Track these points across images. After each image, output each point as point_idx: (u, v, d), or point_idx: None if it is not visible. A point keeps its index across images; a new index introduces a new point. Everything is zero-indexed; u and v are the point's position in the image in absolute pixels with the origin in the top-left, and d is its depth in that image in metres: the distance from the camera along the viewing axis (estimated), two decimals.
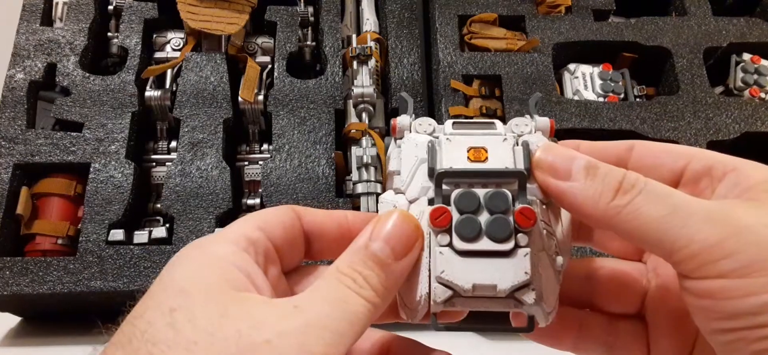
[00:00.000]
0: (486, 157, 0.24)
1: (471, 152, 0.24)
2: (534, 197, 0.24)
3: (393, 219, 0.23)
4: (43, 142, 0.58)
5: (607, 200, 0.22)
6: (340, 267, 0.22)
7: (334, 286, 0.22)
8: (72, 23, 0.64)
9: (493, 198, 0.23)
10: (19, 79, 0.61)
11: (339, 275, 0.22)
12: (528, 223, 0.23)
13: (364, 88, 0.64)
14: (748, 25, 0.68)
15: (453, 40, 0.65)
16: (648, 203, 0.21)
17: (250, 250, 0.23)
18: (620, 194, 0.22)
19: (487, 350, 0.57)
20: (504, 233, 0.23)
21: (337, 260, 0.23)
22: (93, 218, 0.55)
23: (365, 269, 0.22)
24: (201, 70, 0.62)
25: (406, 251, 0.23)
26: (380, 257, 0.23)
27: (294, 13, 0.67)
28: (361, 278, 0.22)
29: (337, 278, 0.22)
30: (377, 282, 0.22)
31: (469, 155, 0.24)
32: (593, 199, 0.22)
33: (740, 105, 0.63)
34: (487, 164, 0.24)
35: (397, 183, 0.26)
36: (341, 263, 0.23)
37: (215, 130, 0.60)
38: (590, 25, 0.67)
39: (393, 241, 0.23)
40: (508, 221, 0.23)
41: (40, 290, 0.52)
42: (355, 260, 0.23)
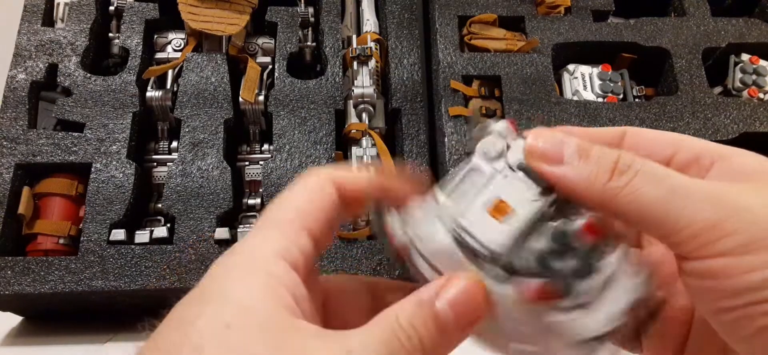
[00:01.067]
0: (511, 209, 0.22)
1: (496, 205, 0.22)
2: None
3: (464, 284, 0.22)
4: (44, 143, 0.58)
5: (603, 180, 0.22)
6: (400, 320, 0.21)
7: (388, 338, 0.20)
8: (73, 24, 0.64)
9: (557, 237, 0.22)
10: (21, 79, 0.61)
11: (397, 328, 0.21)
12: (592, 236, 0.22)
13: (364, 89, 0.64)
14: (746, 25, 0.68)
15: (453, 40, 0.66)
16: (646, 184, 0.21)
17: (299, 266, 0.22)
18: (616, 174, 0.21)
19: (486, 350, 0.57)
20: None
21: (398, 308, 0.21)
22: (94, 218, 0.55)
23: (423, 330, 0.21)
24: (202, 70, 0.63)
25: (470, 324, 0.22)
26: (443, 322, 0.21)
27: (294, 14, 0.67)
28: (417, 339, 0.21)
29: (394, 331, 0.21)
30: (430, 345, 0.21)
31: (491, 211, 0.22)
32: (588, 181, 0.22)
33: (739, 105, 0.63)
34: (520, 218, 0.22)
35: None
36: (402, 315, 0.21)
37: (216, 130, 0.60)
38: (589, 25, 0.68)
39: (460, 308, 0.21)
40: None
41: (42, 289, 0.52)
42: (416, 317, 0.21)
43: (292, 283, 0.21)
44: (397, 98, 0.64)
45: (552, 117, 0.61)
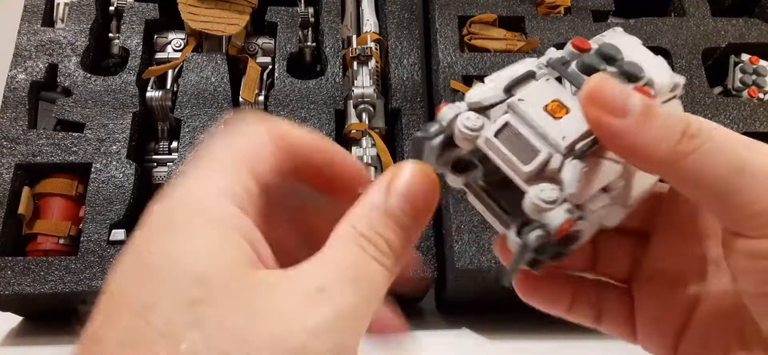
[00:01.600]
0: (561, 116, 0.22)
1: (552, 104, 0.23)
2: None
3: (411, 171, 0.21)
4: (44, 143, 0.58)
5: (672, 142, 0.20)
6: (360, 229, 0.20)
7: (356, 255, 0.19)
8: (73, 24, 0.64)
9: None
10: (21, 79, 0.61)
11: (360, 239, 0.20)
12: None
13: (364, 89, 0.64)
14: (746, 25, 0.68)
15: (453, 40, 0.66)
16: (717, 153, 0.20)
17: (247, 207, 0.20)
18: (687, 138, 0.20)
19: (488, 350, 0.57)
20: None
21: (351, 218, 0.20)
22: (94, 218, 0.55)
23: (387, 231, 0.20)
24: (202, 70, 0.63)
25: (426, 212, 0.21)
26: (400, 217, 0.20)
27: (294, 14, 0.67)
28: (384, 242, 0.20)
29: (359, 244, 0.19)
30: (398, 246, 0.20)
31: (548, 106, 0.23)
32: (654, 141, 0.20)
33: (739, 105, 0.63)
34: (553, 123, 0.22)
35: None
36: (360, 223, 0.20)
37: None
38: (589, 25, 0.68)
39: (412, 198, 0.21)
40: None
41: (42, 289, 0.52)
42: (374, 220, 0.20)
43: (245, 226, 0.19)
44: (397, 98, 0.64)
45: None
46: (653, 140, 0.21)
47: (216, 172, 0.20)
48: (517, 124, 0.22)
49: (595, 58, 0.24)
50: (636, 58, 0.24)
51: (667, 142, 0.20)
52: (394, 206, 0.20)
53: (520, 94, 0.23)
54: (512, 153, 0.22)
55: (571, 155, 0.22)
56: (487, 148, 0.22)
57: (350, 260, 0.19)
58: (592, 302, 0.27)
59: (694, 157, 0.20)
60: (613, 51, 0.24)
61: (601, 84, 0.21)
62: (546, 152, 0.22)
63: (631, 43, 0.25)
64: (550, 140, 0.22)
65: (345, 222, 0.20)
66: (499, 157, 0.22)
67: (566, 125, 0.22)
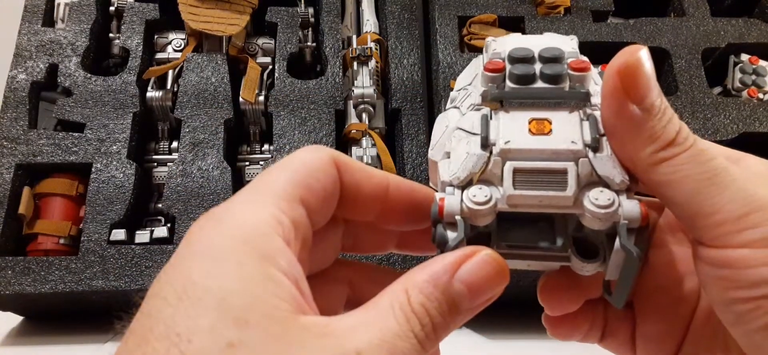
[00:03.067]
0: (550, 129, 0.21)
1: (533, 124, 0.21)
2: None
3: (483, 260, 0.20)
4: (45, 143, 0.58)
5: (657, 148, 0.20)
6: (412, 300, 0.19)
7: (401, 326, 0.19)
8: (74, 24, 0.64)
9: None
10: (21, 79, 0.61)
11: (409, 312, 0.19)
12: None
13: (364, 89, 0.64)
14: (746, 25, 0.69)
15: (453, 40, 0.66)
16: (691, 163, 0.20)
17: (292, 240, 0.19)
18: (671, 146, 0.20)
19: (488, 350, 0.57)
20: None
21: (407, 282, 0.19)
22: (95, 218, 0.55)
23: (437, 313, 0.19)
24: (202, 70, 0.63)
25: (484, 305, 0.20)
26: (456, 304, 0.19)
27: (294, 14, 0.67)
28: (430, 323, 0.19)
29: (406, 316, 0.19)
30: (442, 328, 0.19)
31: (531, 128, 0.21)
32: (646, 140, 0.20)
33: (738, 105, 0.63)
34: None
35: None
36: (414, 292, 0.19)
37: (216, 130, 0.60)
38: (589, 26, 0.68)
39: (477, 290, 0.20)
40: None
41: (42, 289, 0.52)
42: (430, 295, 0.19)
43: (289, 263, 0.19)
44: (397, 98, 0.64)
45: None
46: (645, 139, 0.21)
47: (267, 199, 0.20)
48: (524, 165, 0.21)
49: (527, 67, 0.22)
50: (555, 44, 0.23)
51: (654, 146, 0.20)
52: (455, 292, 0.19)
53: (500, 140, 0.21)
54: (543, 191, 0.21)
55: (592, 151, 0.21)
56: (514, 206, 0.21)
57: (393, 331, 0.18)
58: (600, 324, 0.28)
59: (668, 163, 0.20)
60: (552, 52, 0.23)
61: (638, 62, 0.20)
62: (571, 166, 0.21)
63: (536, 37, 0.24)
64: (563, 155, 0.21)
65: (400, 285, 0.19)
66: (533, 205, 0.21)
67: (564, 133, 0.21)
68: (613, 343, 0.27)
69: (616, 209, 0.20)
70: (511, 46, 0.23)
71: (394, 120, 0.65)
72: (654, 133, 0.20)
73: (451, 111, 0.24)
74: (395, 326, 0.18)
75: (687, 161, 0.20)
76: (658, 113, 0.21)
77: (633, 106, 0.20)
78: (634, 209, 0.20)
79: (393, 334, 0.18)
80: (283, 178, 0.21)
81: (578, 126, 0.21)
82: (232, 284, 0.18)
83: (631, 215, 0.20)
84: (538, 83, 0.22)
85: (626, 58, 0.21)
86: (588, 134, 0.21)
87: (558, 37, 0.23)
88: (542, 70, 0.22)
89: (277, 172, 0.21)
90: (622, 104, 0.21)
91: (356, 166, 0.23)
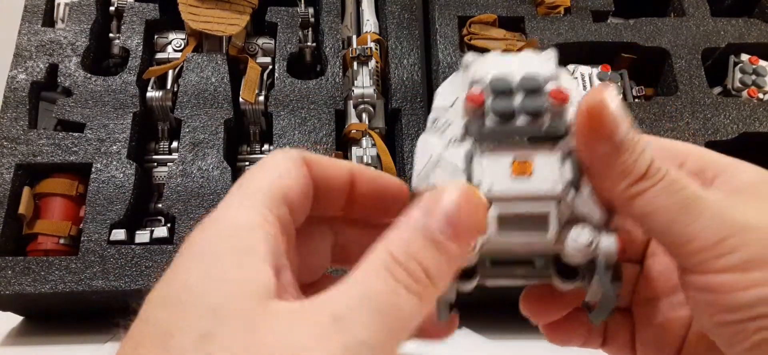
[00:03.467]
0: (531, 171, 0.22)
1: (515, 166, 0.22)
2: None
3: (456, 191, 0.19)
4: (45, 143, 0.58)
5: (631, 181, 0.21)
6: (393, 252, 0.18)
7: (384, 281, 0.18)
8: (74, 24, 0.64)
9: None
10: (21, 79, 0.61)
11: (392, 263, 0.18)
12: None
13: (364, 89, 0.64)
14: (746, 25, 0.69)
15: (453, 40, 0.66)
16: (664, 193, 0.21)
17: (279, 237, 0.20)
18: (644, 179, 0.21)
19: (487, 350, 0.57)
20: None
21: (385, 240, 0.19)
22: (95, 218, 0.55)
23: (425, 256, 0.18)
24: (202, 70, 0.63)
25: (471, 236, 0.20)
26: (441, 241, 0.18)
27: (294, 14, 0.67)
28: (419, 268, 0.18)
29: (389, 269, 0.18)
30: (435, 274, 0.18)
31: (513, 169, 0.22)
32: (620, 174, 0.21)
33: (738, 105, 0.63)
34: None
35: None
36: (394, 245, 0.18)
37: (216, 130, 0.60)
38: (589, 26, 0.68)
39: (457, 220, 0.19)
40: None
41: (42, 289, 0.52)
42: (411, 242, 0.18)
43: (271, 254, 0.19)
44: (397, 98, 0.64)
45: None
46: (618, 174, 0.21)
47: (253, 200, 0.20)
48: (508, 210, 0.22)
49: (508, 101, 0.22)
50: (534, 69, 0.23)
51: (627, 181, 0.21)
52: (435, 228, 0.19)
53: (484, 184, 0.22)
54: (525, 234, 0.22)
55: (571, 191, 0.22)
56: (499, 245, 0.22)
57: (375, 287, 0.18)
58: (600, 329, 0.28)
59: (645, 195, 0.21)
60: (532, 83, 0.23)
61: (603, 100, 0.21)
62: (553, 209, 0.22)
63: (506, 60, 0.24)
64: (545, 195, 0.22)
65: (378, 245, 0.19)
66: (517, 247, 0.22)
67: (545, 175, 0.22)
68: (613, 347, 0.28)
69: (595, 246, 0.22)
70: (491, 72, 0.23)
71: (394, 120, 0.65)
72: (625, 168, 0.21)
73: (433, 137, 0.25)
74: (377, 282, 0.18)
75: (660, 193, 0.21)
76: (628, 149, 0.21)
77: (603, 144, 0.21)
78: (611, 246, 0.22)
79: (376, 290, 0.18)
80: (266, 179, 0.21)
81: (559, 166, 0.22)
82: (212, 279, 0.18)
83: (608, 252, 0.22)
84: (519, 119, 0.22)
85: (593, 97, 0.21)
86: (568, 174, 0.22)
87: (536, 58, 0.24)
88: (523, 104, 0.22)
89: (259, 174, 0.22)
90: (593, 143, 0.21)
91: (322, 159, 0.24)
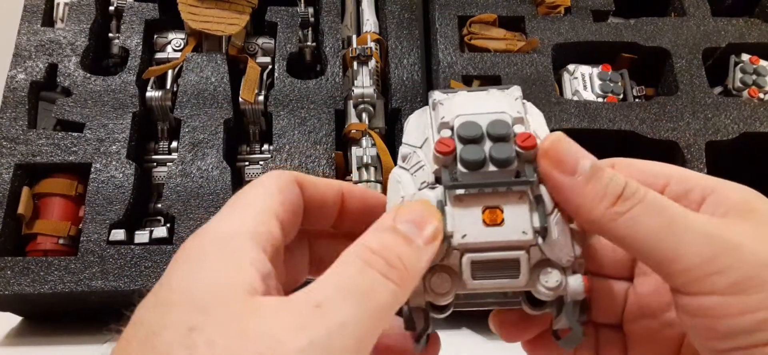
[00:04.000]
0: (502, 219, 0.23)
1: (486, 214, 0.23)
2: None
3: (416, 205, 0.22)
4: (44, 143, 0.58)
5: (607, 204, 0.22)
6: (369, 245, 0.20)
7: (360, 270, 0.19)
8: (73, 24, 0.64)
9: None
10: (21, 79, 0.61)
11: (367, 253, 0.20)
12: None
13: (364, 89, 0.64)
14: (747, 25, 0.68)
15: (453, 40, 0.66)
16: (645, 213, 0.21)
17: (267, 248, 0.21)
18: (621, 200, 0.21)
19: (488, 350, 0.57)
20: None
21: (361, 240, 0.21)
22: (94, 218, 0.55)
23: (396, 245, 0.20)
24: (202, 70, 0.63)
25: (432, 238, 0.22)
26: (408, 232, 0.21)
27: (294, 14, 0.67)
28: (394, 256, 0.20)
29: (365, 258, 0.20)
30: (408, 262, 0.20)
31: (485, 218, 0.23)
32: (593, 201, 0.22)
33: (739, 105, 0.63)
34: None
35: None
36: (370, 239, 0.20)
37: (216, 130, 0.60)
38: (589, 25, 0.68)
39: (419, 219, 0.21)
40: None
41: (42, 289, 0.52)
42: (383, 235, 0.21)
43: (258, 260, 0.20)
44: (397, 98, 0.64)
45: (552, 117, 0.61)
46: (592, 201, 0.22)
47: (246, 213, 0.22)
48: (480, 257, 0.23)
49: (477, 149, 0.23)
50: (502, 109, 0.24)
51: (604, 204, 0.22)
52: (402, 224, 0.21)
53: (456, 234, 0.23)
54: (498, 278, 0.23)
55: (540, 236, 0.23)
56: (473, 291, 0.23)
57: (352, 274, 0.19)
58: (591, 345, 0.28)
59: (626, 217, 0.21)
60: (500, 129, 0.23)
61: (556, 143, 0.23)
62: (523, 255, 0.23)
63: (471, 98, 0.25)
64: (516, 245, 0.23)
65: (354, 243, 0.21)
66: (490, 291, 0.23)
67: (515, 223, 0.23)
68: None
69: (563, 288, 0.23)
70: (459, 116, 0.24)
71: (394, 120, 0.65)
72: (597, 194, 0.22)
73: (405, 175, 0.25)
74: (353, 271, 0.19)
75: (641, 213, 0.21)
76: (594, 176, 0.22)
77: (569, 178, 0.22)
78: (578, 287, 0.23)
79: (353, 277, 0.19)
80: (258, 197, 0.23)
81: (528, 213, 0.23)
82: (200, 278, 0.19)
83: (575, 293, 0.23)
84: (488, 167, 0.23)
85: (548, 140, 0.23)
86: (537, 221, 0.23)
87: (502, 97, 0.25)
88: (491, 153, 0.23)
89: (252, 192, 0.23)
90: (559, 180, 0.22)
91: (314, 180, 0.25)
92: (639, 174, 0.24)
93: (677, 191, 0.24)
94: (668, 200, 0.22)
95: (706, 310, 0.20)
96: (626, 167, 0.25)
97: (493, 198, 0.23)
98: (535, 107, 0.26)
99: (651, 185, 0.24)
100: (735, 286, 0.20)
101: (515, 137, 0.23)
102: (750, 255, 0.20)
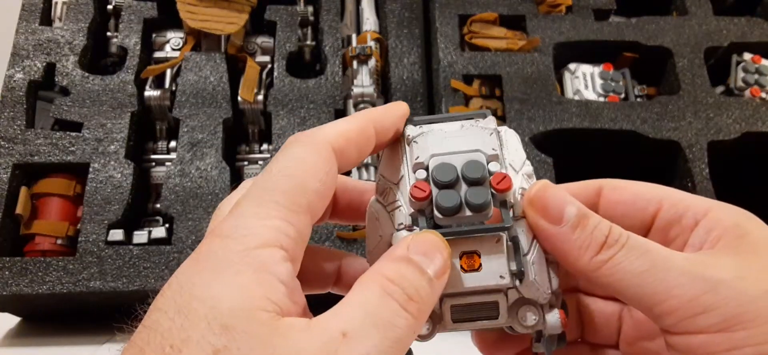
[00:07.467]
0: (479, 264, 0.23)
1: (464, 260, 0.23)
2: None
3: (428, 237, 0.22)
4: (42, 142, 0.58)
5: (592, 253, 0.22)
6: (387, 275, 0.20)
7: (381, 298, 0.20)
8: (71, 23, 0.64)
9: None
10: (19, 78, 0.61)
11: (385, 282, 0.20)
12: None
13: (364, 88, 0.64)
14: (749, 24, 0.68)
15: (453, 39, 0.65)
16: (628, 259, 0.21)
17: (296, 251, 0.21)
18: (605, 248, 0.22)
19: None
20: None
21: (375, 266, 0.21)
22: (92, 218, 0.55)
23: (412, 276, 0.20)
24: (200, 69, 0.62)
25: (443, 270, 0.22)
26: (421, 263, 0.21)
27: (294, 13, 0.67)
28: (410, 286, 0.20)
29: (383, 287, 0.20)
30: (425, 295, 0.20)
31: (463, 264, 0.23)
32: (579, 250, 0.22)
33: (741, 105, 0.63)
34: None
35: None
36: (388, 271, 0.20)
37: (215, 130, 0.60)
38: (591, 24, 0.67)
39: (432, 255, 0.21)
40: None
41: (40, 290, 0.52)
42: (399, 266, 0.21)
43: (286, 274, 0.20)
44: (397, 98, 0.64)
45: (553, 117, 0.61)
46: (579, 250, 0.22)
47: (272, 211, 0.21)
48: (460, 302, 0.23)
49: (453, 195, 0.23)
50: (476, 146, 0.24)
51: (589, 253, 0.22)
52: (416, 256, 0.21)
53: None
54: (478, 319, 0.24)
55: (517, 279, 0.23)
56: (452, 331, 0.24)
57: (375, 303, 0.20)
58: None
59: (609, 264, 0.22)
60: (475, 172, 0.23)
61: (541, 192, 0.23)
62: (501, 298, 0.23)
63: (447, 135, 0.25)
64: (494, 288, 0.23)
65: (370, 271, 0.21)
66: (470, 329, 0.24)
67: (493, 268, 0.23)
68: None
69: (541, 324, 0.24)
70: (433, 153, 0.24)
71: None
72: (582, 243, 0.22)
73: (382, 214, 0.26)
74: (375, 299, 0.20)
75: (624, 258, 0.21)
76: (580, 225, 0.22)
77: (555, 227, 0.23)
78: (555, 323, 0.24)
79: (376, 306, 0.19)
80: (288, 186, 0.21)
81: (505, 257, 0.23)
82: (224, 293, 0.18)
83: (552, 328, 0.24)
84: (465, 211, 0.23)
85: (533, 188, 0.23)
86: (514, 265, 0.23)
87: (477, 132, 0.25)
88: (467, 198, 0.23)
89: (283, 181, 0.21)
90: (546, 230, 0.23)
91: (354, 183, 0.26)
92: (630, 197, 0.25)
93: (669, 215, 0.24)
94: (650, 242, 0.22)
95: (695, 348, 0.20)
96: (615, 190, 0.25)
97: (470, 243, 0.23)
98: (510, 131, 0.27)
99: (643, 210, 0.24)
100: (720, 324, 0.20)
101: (491, 178, 0.23)
102: (734, 292, 0.20)
